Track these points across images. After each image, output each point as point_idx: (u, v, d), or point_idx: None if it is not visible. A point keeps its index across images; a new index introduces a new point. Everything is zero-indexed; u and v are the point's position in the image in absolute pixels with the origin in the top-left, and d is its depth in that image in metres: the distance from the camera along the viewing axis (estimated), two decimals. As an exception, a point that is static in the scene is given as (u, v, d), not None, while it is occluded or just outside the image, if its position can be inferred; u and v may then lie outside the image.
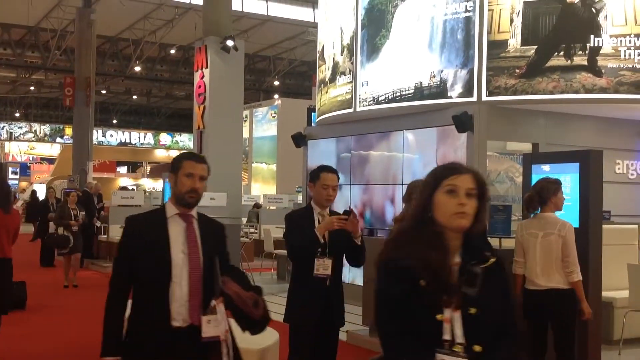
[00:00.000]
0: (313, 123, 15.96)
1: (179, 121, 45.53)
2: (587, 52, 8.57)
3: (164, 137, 44.36)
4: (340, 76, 11.16)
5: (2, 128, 41.90)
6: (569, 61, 8.61)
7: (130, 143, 43.42)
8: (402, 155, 10.00)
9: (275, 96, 31.19)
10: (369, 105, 10.39)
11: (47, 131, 42.84)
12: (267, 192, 24.15)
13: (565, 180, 5.57)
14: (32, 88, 37.79)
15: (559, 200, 5.15)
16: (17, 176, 43.85)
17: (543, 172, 6.10)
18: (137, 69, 31.67)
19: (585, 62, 8.57)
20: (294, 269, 4.59)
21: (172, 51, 30.54)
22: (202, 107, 14.32)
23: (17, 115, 42.96)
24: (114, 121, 44.65)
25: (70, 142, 29.13)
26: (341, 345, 4.70)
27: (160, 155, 44.50)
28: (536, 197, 5.15)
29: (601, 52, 8.55)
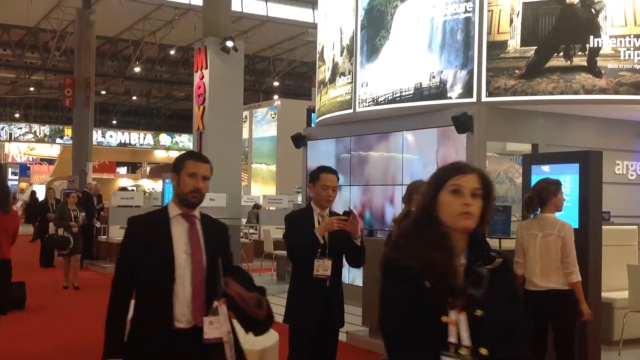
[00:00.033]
0: (313, 124, 15.95)
1: (179, 122, 45.54)
2: (587, 52, 8.57)
3: (164, 138, 44.37)
4: (340, 77, 11.16)
5: (2, 129, 41.90)
6: (568, 62, 8.61)
7: (129, 144, 43.43)
8: (402, 156, 10.00)
9: (275, 97, 31.19)
10: (369, 106, 10.39)
11: (47, 132, 42.86)
12: (267, 192, 24.15)
13: (564, 181, 5.57)
14: (31, 89, 37.77)
15: (558, 201, 5.15)
16: (17, 177, 43.86)
17: (543, 172, 6.10)
18: (137, 69, 31.67)
19: (585, 63, 8.58)
20: (294, 270, 4.59)
21: (171, 52, 30.53)
22: (201, 107, 14.32)
23: (16, 116, 42.96)
24: (114, 122, 44.65)
25: (70, 142, 29.13)
26: (341, 345, 4.70)
27: (159, 156, 44.51)
28: (536, 197, 5.15)
29: (601, 52, 8.55)
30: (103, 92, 37.01)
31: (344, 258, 4.43)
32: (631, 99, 8.62)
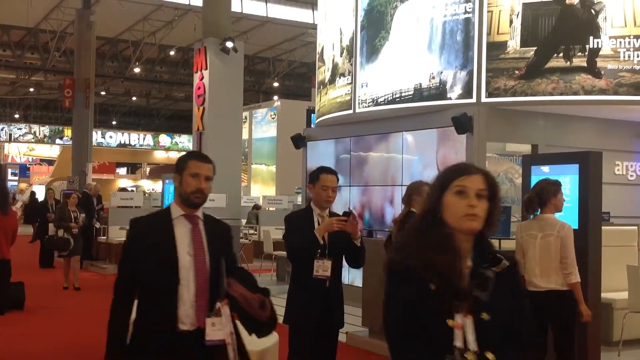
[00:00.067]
0: (312, 124, 15.96)
1: (179, 122, 45.52)
2: (587, 53, 8.57)
3: (164, 139, 44.35)
4: (340, 77, 11.16)
5: (2, 129, 41.88)
6: (568, 62, 8.61)
7: (129, 144, 43.41)
8: (402, 156, 10.00)
9: (275, 97, 31.18)
10: (369, 106, 10.39)
11: (47, 132, 42.84)
12: (267, 193, 24.15)
13: (564, 182, 5.57)
14: (31, 89, 37.75)
15: (558, 201, 5.15)
16: (17, 177, 43.87)
17: (542, 173, 6.10)
18: (137, 70, 31.66)
19: (585, 64, 8.58)
20: (294, 270, 4.59)
21: (171, 52, 30.54)
22: (201, 108, 14.32)
23: (16, 116, 42.94)
24: (114, 122, 44.62)
25: (70, 143, 29.13)
26: (340, 346, 4.70)
27: (159, 156, 44.51)
28: (536, 198, 5.15)
29: (600, 53, 8.55)
30: (103, 93, 36.99)
31: (343, 259, 4.43)
32: (631, 99, 8.62)
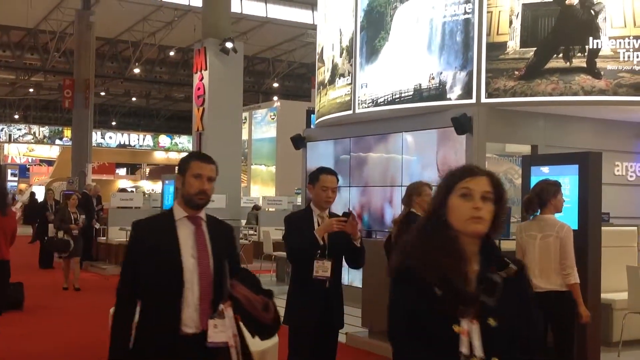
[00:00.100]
0: (312, 125, 15.96)
1: (178, 123, 45.52)
2: (586, 54, 8.57)
3: (163, 139, 44.36)
4: (340, 78, 11.16)
5: (1, 130, 41.88)
6: (568, 63, 8.61)
7: (129, 145, 43.42)
8: (401, 157, 10.00)
9: (275, 98, 31.18)
10: (368, 107, 10.39)
11: (46, 133, 42.85)
12: (266, 194, 24.16)
13: (564, 182, 5.57)
14: (31, 90, 37.76)
15: (558, 202, 5.15)
16: (16, 178, 43.87)
17: (542, 174, 6.10)
18: (137, 70, 31.67)
19: (584, 64, 8.58)
20: (294, 271, 4.59)
21: (171, 53, 30.54)
22: (201, 109, 14.33)
23: (16, 117, 42.95)
24: (113, 123, 44.62)
25: (70, 144, 29.13)
26: (340, 347, 4.70)
27: (159, 157, 44.52)
28: (536, 199, 5.15)
29: (600, 54, 8.55)
30: (102, 94, 37.00)
31: (343, 259, 4.43)
32: (630, 100, 8.62)
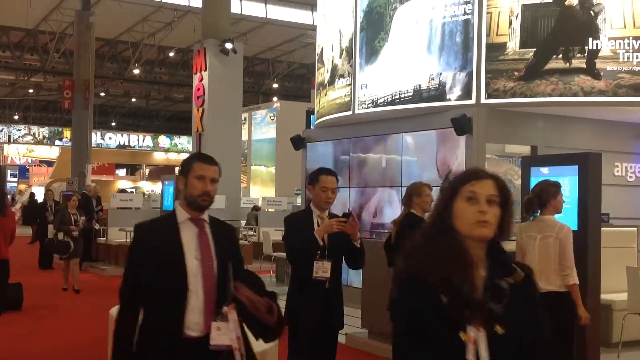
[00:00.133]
0: (312, 126, 15.97)
1: (178, 124, 45.54)
2: (586, 54, 8.57)
3: (163, 140, 44.38)
4: (339, 79, 11.17)
5: (1, 131, 41.90)
6: (567, 64, 8.62)
7: (129, 146, 43.43)
8: (401, 157, 10.00)
9: (274, 99, 31.19)
10: (368, 107, 10.39)
11: (46, 134, 42.87)
12: (266, 194, 24.16)
13: (564, 183, 5.57)
14: (30, 91, 37.78)
15: (558, 203, 5.15)
16: (16, 179, 43.87)
17: (542, 174, 6.10)
18: (136, 71, 31.69)
19: (584, 65, 8.58)
20: (293, 272, 4.59)
21: (171, 54, 30.55)
22: (201, 109, 14.34)
23: (15, 117, 42.96)
24: (113, 124, 44.65)
25: (69, 144, 29.15)
26: (340, 347, 4.70)
27: (159, 157, 44.54)
28: (535, 199, 5.15)
29: (600, 54, 8.55)
30: (102, 94, 37.01)
31: (343, 260, 4.43)
32: (630, 100, 8.62)
